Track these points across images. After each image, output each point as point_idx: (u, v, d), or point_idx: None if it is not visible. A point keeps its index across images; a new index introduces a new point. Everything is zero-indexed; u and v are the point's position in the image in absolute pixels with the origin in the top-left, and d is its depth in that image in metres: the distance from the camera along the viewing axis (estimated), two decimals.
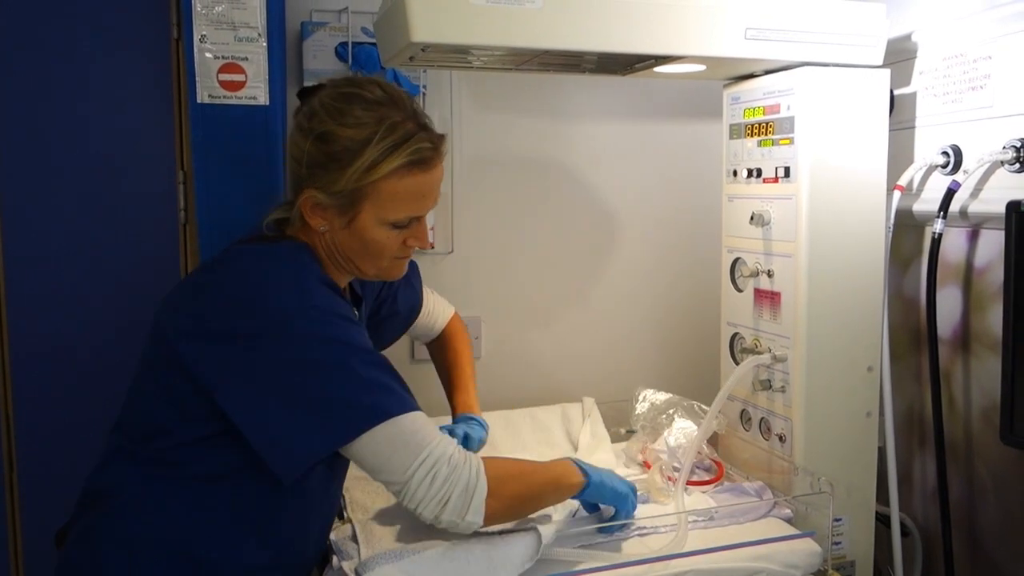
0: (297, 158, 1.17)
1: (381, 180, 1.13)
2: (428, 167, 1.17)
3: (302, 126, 1.17)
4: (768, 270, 1.57)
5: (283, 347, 1.07)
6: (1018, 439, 1.32)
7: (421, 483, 1.09)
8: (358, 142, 1.12)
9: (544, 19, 1.28)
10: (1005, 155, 1.46)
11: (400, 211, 1.17)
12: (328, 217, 1.17)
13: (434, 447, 1.09)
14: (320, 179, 1.14)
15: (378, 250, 1.19)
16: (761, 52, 1.42)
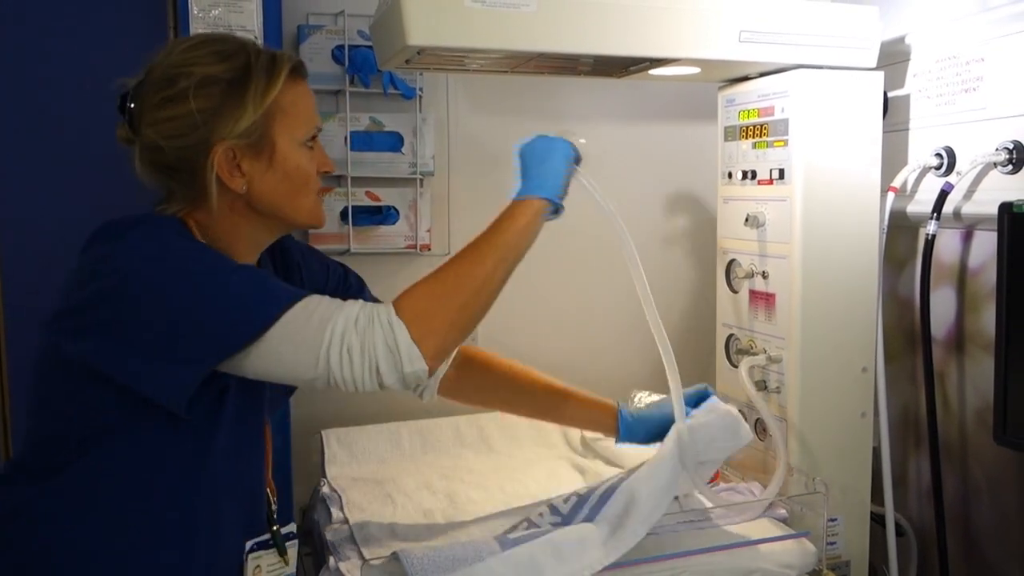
0: (181, 131, 1.07)
1: (279, 95, 1.08)
2: (304, 77, 1.15)
3: (169, 95, 1.07)
4: (763, 271, 1.58)
5: (144, 284, 1.00)
6: (1011, 439, 1.32)
7: (341, 364, 0.99)
8: (240, 69, 1.07)
9: (539, 22, 1.29)
10: (998, 157, 1.47)
11: (305, 122, 1.13)
12: (245, 166, 1.08)
13: (335, 321, 0.99)
14: (223, 126, 1.06)
15: (303, 178, 1.13)
16: (755, 55, 1.43)
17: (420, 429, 1.73)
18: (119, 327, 1.00)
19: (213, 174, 1.07)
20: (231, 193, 1.10)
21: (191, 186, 1.09)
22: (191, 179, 1.08)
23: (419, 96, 1.82)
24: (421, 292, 1.05)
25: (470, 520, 1.39)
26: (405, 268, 1.89)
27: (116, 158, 1.87)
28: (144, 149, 1.10)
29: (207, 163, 1.06)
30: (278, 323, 0.98)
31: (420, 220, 1.85)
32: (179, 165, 1.08)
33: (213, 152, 1.06)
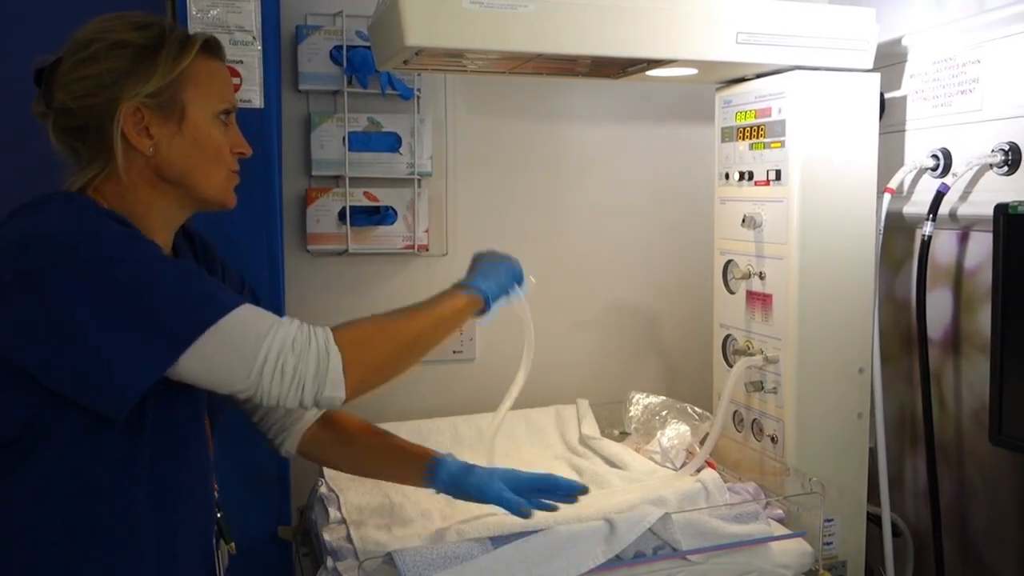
0: (91, 91, 1.06)
1: (192, 64, 1.08)
2: (221, 56, 1.15)
3: (83, 58, 1.07)
4: (760, 272, 1.59)
5: (74, 277, 0.96)
6: (1007, 440, 1.33)
7: (272, 381, 1.00)
8: (154, 37, 1.07)
9: (537, 23, 1.29)
10: (994, 158, 1.47)
11: (219, 94, 1.12)
12: (154, 129, 1.07)
13: (272, 337, 1.00)
14: (133, 86, 1.05)
15: (215, 151, 1.11)
16: (752, 56, 1.43)
17: (418, 429, 1.73)
18: (47, 325, 0.96)
19: (119, 132, 1.05)
20: (139, 158, 1.07)
21: (99, 149, 1.07)
22: (99, 141, 1.07)
23: (417, 97, 1.83)
24: (360, 330, 1.10)
25: (469, 520, 1.39)
26: (403, 268, 1.89)
27: None
28: (56, 115, 1.09)
29: (114, 122, 1.05)
30: (214, 328, 0.98)
31: (418, 220, 1.85)
32: (88, 126, 1.07)
33: (121, 110, 1.05)
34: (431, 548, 1.18)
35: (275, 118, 1.62)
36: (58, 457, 1.00)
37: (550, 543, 1.22)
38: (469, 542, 1.21)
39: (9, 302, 0.96)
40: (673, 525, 1.27)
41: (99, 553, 1.02)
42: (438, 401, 1.90)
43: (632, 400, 1.80)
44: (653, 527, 1.27)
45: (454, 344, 1.93)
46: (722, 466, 1.65)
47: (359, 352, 1.06)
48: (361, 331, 1.09)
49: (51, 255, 0.96)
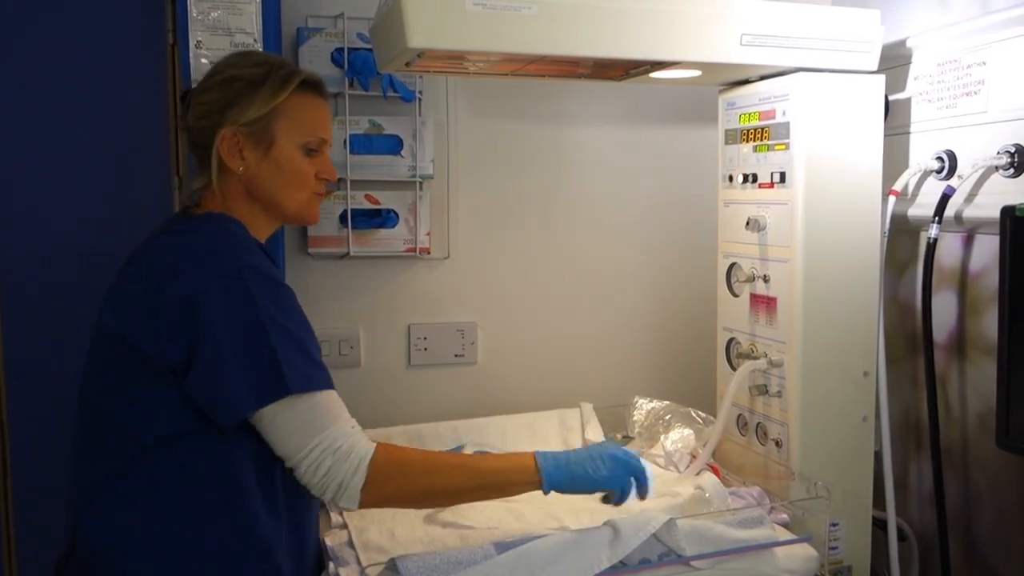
0: (205, 115, 1.25)
1: (287, 99, 1.25)
2: (321, 94, 1.32)
3: (205, 87, 1.27)
4: (764, 275, 1.58)
5: (215, 308, 1.11)
6: (1014, 444, 1.32)
7: (307, 470, 1.15)
8: (260, 74, 1.25)
9: (541, 25, 1.29)
10: (999, 160, 1.46)
11: (309, 129, 1.28)
12: (246, 153, 1.25)
13: (326, 434, 1.15)
14: (233, 114, 1.23)
15: (298, 177, 1.28)
16: (757, 58, 1.42)
17: (420, 433, 1.72)
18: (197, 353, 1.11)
19: (217, 152, 1.24)
20: (233, 175, 1.26)
21: (206, 164, 1.26)
22: (206, 157, 1.26)
23: (419, 99, 1.82)
24: (402, 460, 1.22)
25: (470, 525, 1.38)
26: (404, 271, 1.89)
27: (114, 159, 1.87)
28: (187, 132, 1.30)
29: (214, 143, 1.24)
30: (300, 398, 1.14)
31: (419, 223, 1.84)
32: (201, 144, 1.26)
33: (221, 133, 1.23)
34: (434, 554, 1.17)
35: None
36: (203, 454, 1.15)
37: (554, 548, 1.21)
38: (472, 548, 1.20)
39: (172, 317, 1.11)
40: (678, 531, 1.26)
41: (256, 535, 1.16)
42: (439, 405, 1.89)
43: (636, 405, 1.79)
44: (657, 532, 1.26)
45: (455, 348, 1.93)
46: (726, 470, 1.64)
47: (384, 480, 1.18)
48: (402, 460, 1.22)
49: (207, 282, 1.12)
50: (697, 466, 1.53)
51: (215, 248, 1.18)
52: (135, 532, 1.13)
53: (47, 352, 1.86)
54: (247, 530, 1.16)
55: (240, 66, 1.27)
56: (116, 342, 1.16)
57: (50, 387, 1.85)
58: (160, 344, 1.12)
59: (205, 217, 1.25)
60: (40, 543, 1.33)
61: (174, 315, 1.11)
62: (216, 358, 1.11)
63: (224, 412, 1.12)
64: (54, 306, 1.86)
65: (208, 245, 1.18)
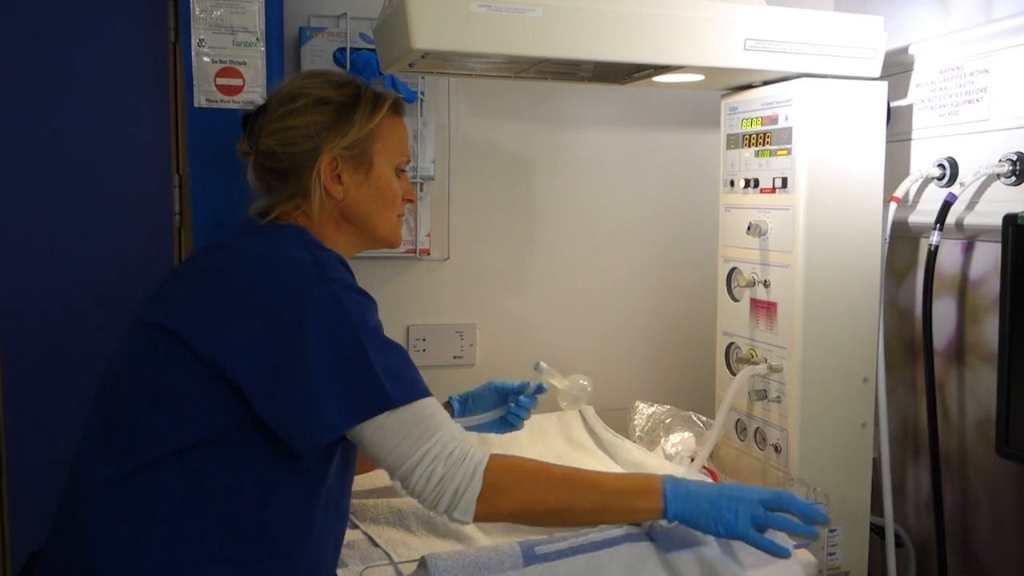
0: (296, 140, 1.20)
1: (381, 120, 1.24)
2: (403, 113, 1.32)
3: (291, 110, 1.21)
4: (764, 280, 1.58)
5: (307, 319, 1.05)
6: (1014, 451, 1.32)
7: (419, 478, 1.08)
8: (351, 96, 1.23)
9: (545, 28, 1.28)
10: (1001, 168, 1.46)
11: (400, 150, 1.28)
12: (345, 176, 1.22)
13: (435, 441, 1.08)
14: (332, 139, 1.20)
15: (392, 197, 1.27)
16: (760, 63, 1.42)
17: None
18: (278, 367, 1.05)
19: (317, 177, 1.20)
20: (330, 200, 1.23)
21: (296, 189, 1.22)
22: (297, 183, 1.21)
23: (420, 100, 1.82)
24: (519, 470, 1.13)
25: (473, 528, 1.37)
26: (404, 272, 1.88)
27: (115, 158, 1.87)
28: (260, 156, 1.23)
29: (314, 169, 1.20)
30: (404, 408, 1.07)
31: (420, 224, 1.84)
32: (290, 170, 1.21)
33: (321, 159, 1.20)
34: (463, 554, 1.12)
35: None
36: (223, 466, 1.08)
37: (598, 565, 1.13)
38: (501, 550, 1.13)
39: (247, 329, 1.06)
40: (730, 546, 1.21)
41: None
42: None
43: (637, 409, 1.79)
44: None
45: (454, 350, 1.92)
46: (725, 475, 1.64)
47: (501, 491, 1.10)
48: (519, 471, 1.13)
49: (290, 295, 1.07)
50: (696, 466, 1.53)
51: (301, 257, 1.12)
52: (138, 536, 1.06)
53: (45, 351, 1.86)
54: (261, 549, 1.10)
55: (323, 88, 1.23)
56: (165, 339, 1.08)
57: (47, 386, 1.85)
58: (229, 352, 1.05)
59: (292, 229, 1.20)
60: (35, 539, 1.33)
61: (254, 324, 1.06)
62: (305, 374, 1.04)
63: (311, 434, 1.05)
64: (52, 305, 1.85)
65: (293, 254, 1.12)
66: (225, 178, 1.61)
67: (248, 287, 1.09)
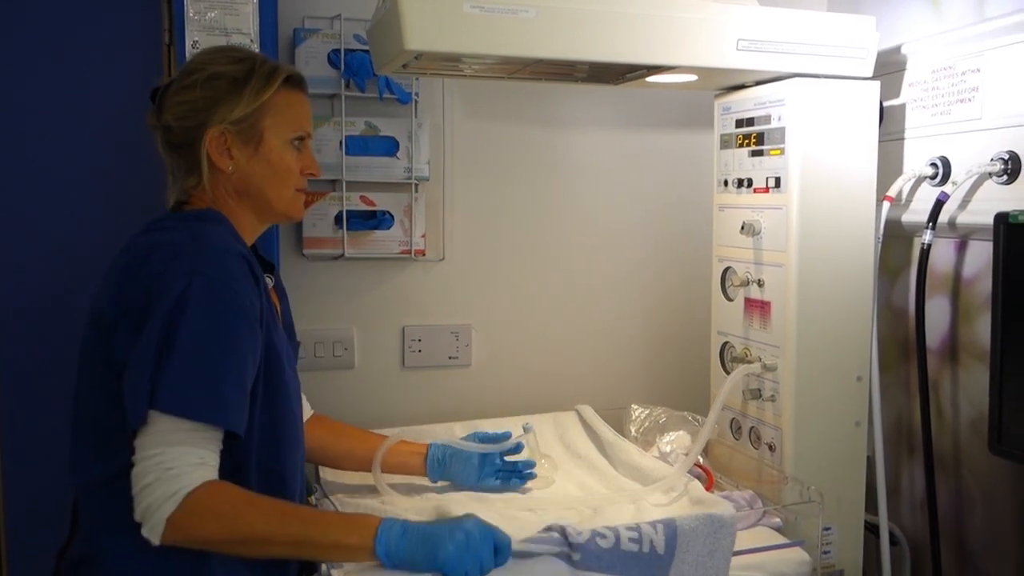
0: (187, 114, 1.22)
1: (273, 96, 1.24)
2: (302, 89, 1.31)
3: (185, 84, 1.23)
4: (759, 279, 1.58)
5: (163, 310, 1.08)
6: (1006, 449, 1.32)
7: (132, 478, 1.07)
8: (244, 71, 1.24)
9: (538, 28, 1.29)
10: (993, 167, 1.47)
11: (294, 124, 1.28)
12: (235, 151, 1.23)
13: (168, 452, 1.06)
14: (220, 113, 1.21)
15: (285, 172, 1.27)
16: (753, 63, 1.43)
17: (415, 434, 1.72)
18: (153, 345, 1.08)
19: (205, 151, 1.22)
20: (222, 174, 1.24)
21: (192, 164, 1.24)
22: (191, 156, 1.23)
23: (415, 101, 1.82)
24: (222, 500, 1.08)
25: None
26: (399, 273, 1.88)
27: (109, 159, 1.87)
28: (162, 130, 1.25)
29: (202, 143, 1.22)
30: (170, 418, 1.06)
31: (415, 225, 1.84)
32: (183, 143, 1.23)
33: (208, 133, 1.21)
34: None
35: None
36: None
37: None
38: None
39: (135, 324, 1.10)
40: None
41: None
42: (433, 407, 1.89)
43: (633, 411, 1.79)
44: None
45: (450, 350, 1.93)
46: (719, 474, 1.64)
47: (195, 517, 1.05)
48: (221, 498, 1.08)
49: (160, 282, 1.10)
50: (688, 462, 1.52)
51: (177, 250, 1.14)
52: (131, 533, 1.07)
53: (40, 351, 1.85)
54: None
55: (220, 63, 1.24)
56: (97, 339, 1.15)
57: (42, 388, 1.85)
58: (120, 343, 1.11)
59: (189, 215, 1.24)
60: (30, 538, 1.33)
61: (131, 317, 1.10)
62: (136, 363, 1.07)
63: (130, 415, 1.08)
64: (47, 305, 1.85)
65: (172, 247, 1.15)
66: None
67: (129, 283, 1.13)
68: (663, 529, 1.21)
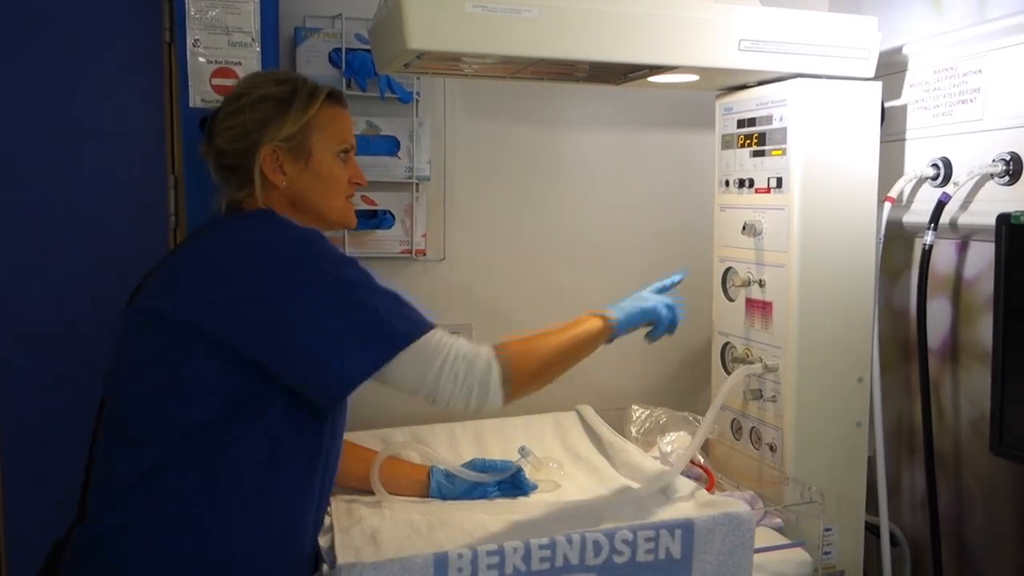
0: (239, 136, 1.29)
1: (318, 112, 1.31)
2: (344, 104, 1.38)
3: (233, 110, 1.30)
4: (760, 280, 1.58)
5: (298, 283, 1.14)
6: (1007, 450, 1.32)
7: (445, 385, 1.19)
8: (289, 91, 1.30)
9: (541, 28, 1.29)
10: (995, 168, 1.47)
11: (340, 136, 1.35)
12: (287, 167, 1.29)
13: (447, 353, 1.20)
14: (270, 132, 1.28)
15: (334, 183, 1.34)
16: (755, 63, 1.43)
17: (416, 434, 1.72)
18: (288, 325, 1.13)
19: (259, 169, 1.28)
20: (276, 189, 1.30)
21: (246, 181, 1.29)
22: (244, 175, 1.29)
23: (416, 100, 1.82)
24: (515, 348, 1.29)
25: (452, 533, 1.37)
26: (400, 273, 1.88)
27: (109, 158, 1.86)
28: (216, 155, 1.31)
29: (255, 162, 1.28)
30: (416, 342, 1.18)
31: (416, 225, 1.84)
32: (237, 164, 1.29)
33: (261, 151, 1.27)
34: (377, 563, 1.12)
35: None
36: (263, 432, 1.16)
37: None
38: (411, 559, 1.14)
39: (253, 307, 1.13)
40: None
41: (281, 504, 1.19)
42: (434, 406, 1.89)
43: (633, 411, 1.79)
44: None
45: None
46: (720, 474, 1.64)
47: (516, 368, 1.25)
48: (519, 349, 1.30)
49: (284, 266, 1.15)
50: (684, 459, 1.51)
51: (277, 230, 1.21)
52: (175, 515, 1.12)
53: (39, 352, 1.85)
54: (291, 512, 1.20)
55: (265, 86, 1.31)
56: (168, 329, 1.15)
57: (41, 389, 1.85)
58: (241, 331, 1.13)
59: (251, 212, 1.29)
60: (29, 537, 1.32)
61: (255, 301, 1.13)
62: (314, 333, 1.13)
63: (332, 388, 1.15)
64: (46, 305, 1.85)
65: (269, 229, 1.21)
66: None
67: (239, 267, 1.16)
68: (680, 533, 1.22)
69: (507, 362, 1.25)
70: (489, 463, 1.57)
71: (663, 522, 1.23)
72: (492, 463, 1.57)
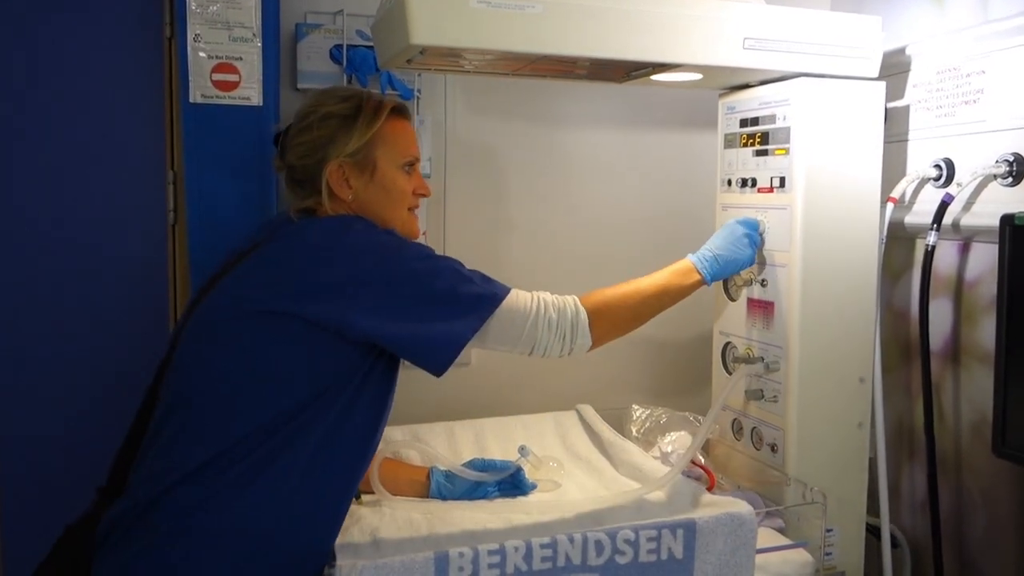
0: (308, 152, 1.35)
1: (382, 126, 1.36)
2: (407, 117, 1.43)
3: (302, 127, 1.36)
4: (762, 279, 1.58)
5: (396, 268, 1.24)
6: (1010, 451, 1.32)
7: (542, 334, 1.31)
8: (353, 107, 1.36)
9: (544, 24, 1.28)
10: (998, 169, 1.47)
11: (404, 149, 1.39)
12: (353, 180, 1.35)
13: (534, 305, 1.31)
14: (336, 149, 1.33)
15: (400, 194, 1.39)
16: (759, 62, 1.42)
17: (415, 433, 1.72)
18: (391, 301, 1.23)
19: (326, 183, 1.34)
20: (343, 203, 1.36)
21: (316, 195, 1.35)
22: (313, 188, 1.36)
23: (417, 97, 1.81)
24: (599, 295, 1.39)
25: (452, 532, 1.36)
26: None
27: (109, 154, 1.85)
28: (287, 170, 1.39)
29: (323, 177, 1.34)
30: (503, 303, 1.29)
31: None
32: (307, 179, 1.36)
33: (328, 167, 1.33)
34: (378, 564, 1.12)
35: (273, 116, 1.61)
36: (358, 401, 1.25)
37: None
38: (411, 561, 1.14)
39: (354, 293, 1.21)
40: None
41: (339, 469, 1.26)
42: (433, 406, 1.88)
43: (634, 411, 1.78)
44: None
45: None
46: (721, 475, 1.63)
47: (599, 311, 1.36)
48: (600, 295, 1.39)
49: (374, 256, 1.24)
50: (684, 459, 1.51)
51: (361, 226, 1.29)
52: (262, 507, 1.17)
53: (37, 350, 1.84)
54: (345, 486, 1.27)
55: (330, 103, 1.36)
56: (268, 320, 1.20)
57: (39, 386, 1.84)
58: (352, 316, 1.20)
59: (343, 215, 1.35)
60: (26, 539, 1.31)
61: (362, 287, 1.21)
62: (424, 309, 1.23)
63: (444, 354, 1.24)
64: (44, 302, 1.84)
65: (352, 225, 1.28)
66: (220, 174, 1.60)
67: (344, 255, 1.24)
68: (682, 533, 1.21)
69: (591, 308, 1.35)
70: (489, 463, 1.56)
71: (665, 522, 1.23)
72: (492, 463, 1.56)
